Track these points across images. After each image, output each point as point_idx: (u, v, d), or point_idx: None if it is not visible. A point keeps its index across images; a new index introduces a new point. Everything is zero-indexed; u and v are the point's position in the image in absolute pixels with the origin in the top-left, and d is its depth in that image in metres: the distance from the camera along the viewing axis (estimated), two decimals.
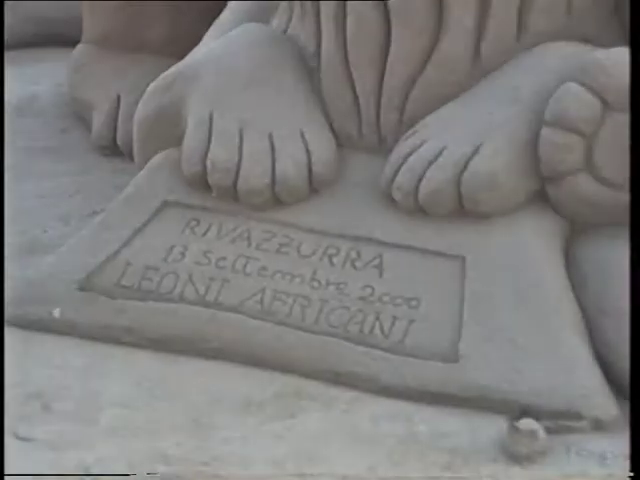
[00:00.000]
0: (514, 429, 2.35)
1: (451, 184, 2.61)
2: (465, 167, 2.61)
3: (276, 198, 2.72)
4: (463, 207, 2.63)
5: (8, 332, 2.62)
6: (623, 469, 2.35)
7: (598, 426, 2.42)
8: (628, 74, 2.59)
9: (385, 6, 2.71)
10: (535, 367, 2.47)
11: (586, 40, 2.73)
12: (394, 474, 2.31)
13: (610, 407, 2.43)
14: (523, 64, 2.71)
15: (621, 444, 2.38)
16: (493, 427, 2.39)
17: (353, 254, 2.66)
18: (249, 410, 2.44)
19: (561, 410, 2.42)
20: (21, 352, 2.58)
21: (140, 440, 2.36)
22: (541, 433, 2.35)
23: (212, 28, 3.07)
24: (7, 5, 3.76)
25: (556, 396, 2.44)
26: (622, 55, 2.61)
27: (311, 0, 2.83)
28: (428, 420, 2.43)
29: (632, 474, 2.26)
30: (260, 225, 2.73)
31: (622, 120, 2.58)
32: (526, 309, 2.55)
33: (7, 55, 3.65)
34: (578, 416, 2.42)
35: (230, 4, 3.15)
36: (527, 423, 2.37)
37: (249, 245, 2.71)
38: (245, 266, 2.68)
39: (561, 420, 2.42)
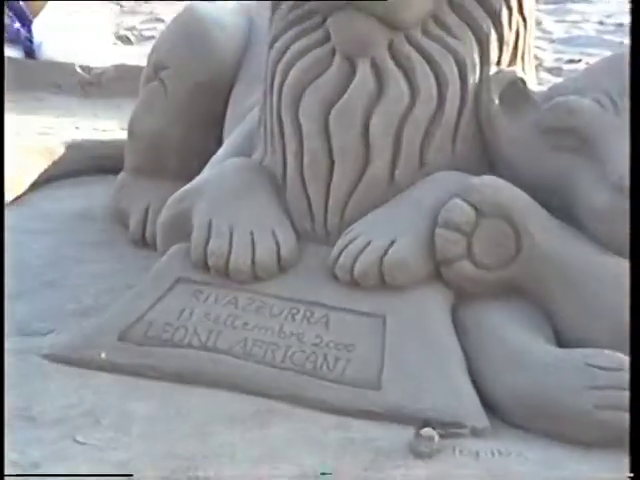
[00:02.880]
0: (419, 435, 2.38)
1: (376, 265, 2.62)
2: (385, 254, 2.61)
3: (255, 275, 2.70)
4: (384, 281, 2.63)
5: (70, 369, 2.62)
6: (491, 462, 2.35)
7: (474, 433, 2.43)
8: (496, 190, 2.62)
9: (330, 146, 2.71)
10: (433, 393, 2.49)
11: (465, 169, 2.71)
12: (339, 466, 2.30)
13: (483, 420, 2.46)
14: (424, 185, 2.70)
15: (489, 445, 2.40)
16: (405, 434, 2.40)
17: (308, 313, 2.66)
18: (235, 423, 2.45)
19: (450, 422, 2.43)
20: (78, 383, 2.57)
21: (161, 443, 2.36)
22: (437, 438, 2.38)
23: (211, 161, 3.04)
24: (71, 145, 3.75)
25: (447, 412, 2.45)
26: (490, 180, 2.65)
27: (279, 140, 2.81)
28: (361, 430, 2.44)
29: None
30: (244, 294, 2.71)
31: (492, 223, 2.60)
32: (427, 353, 2.56)
33: (72, 181, 3.62)
34: (461, 426, 2.43)
35: (224, 144, 3.13)
36: (427, 431, 2.38)
37: (236, 308, 2.69)
38: (233, 322, 2.66)
39: (450, 429, 2.43)
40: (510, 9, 2.75)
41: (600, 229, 2.62)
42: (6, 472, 2.22)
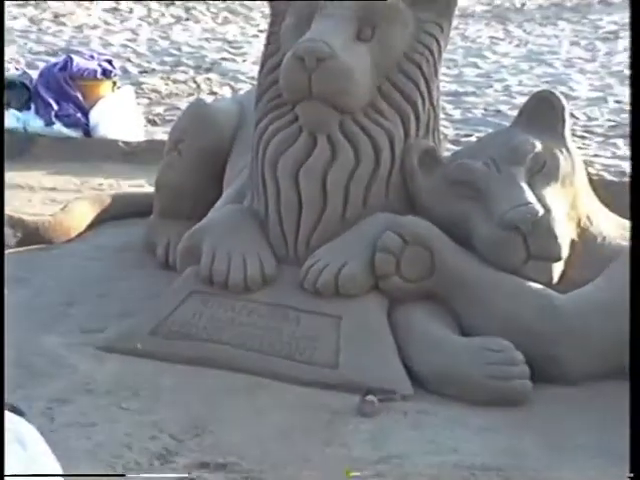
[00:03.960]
0: (364, 400, 2.38)
1: (333, 280, 2.60)
2: (339, 272, 2.60)
3: (247, 287, 2.65)
4: (339, 291, 2.60)
5: (116, 356, 2.58)
6: (415, 418, 2.34)
7: (403, 398, 2.43)
8: (417, 226, 2.59)
9: (299, 195, 2.69)
10: (374, 370, 2.48)
11: (395, 211, 2.69)
12: (306, 424, 2.30)
13: (409, 388, 2.46)
14: (366, 223, 2.67)
15: (414, 406, 2.39)
16: (354, 400, 2.39)
17: (284, 314, 2.62)
18: (233, 394, 2.42)
19: (387, 390, 2.43)
20: (122, 366, 2.55)
21: (182, 408, 2.34)
22: (377, 402, 2.37)
23: (214, 206, 3.00)
24: (115, 197, 3.68)
25: (384, 383, 2.44)
26: (412, 218, 2.63)
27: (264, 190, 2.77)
28: (322, 397, 2.43)
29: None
30: (239, 302, 2.65)
31: (414, 249, 2.58)
32: (370, 342, 2.54)
33: (116, 222, 3.56)
34: (394, 393, 2.43)
35: (223, 195, 3.08)
36: (370, 397, 2.38)
37: (233, 311, 2.64)
38: (232, 321, 2.62)
39: (386, 395, 2.41)
40: (424, 99, 2.75)
41: (489, 253, 2.62)
42: (75, 431, 2.20)
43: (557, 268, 2.61)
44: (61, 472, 1.43)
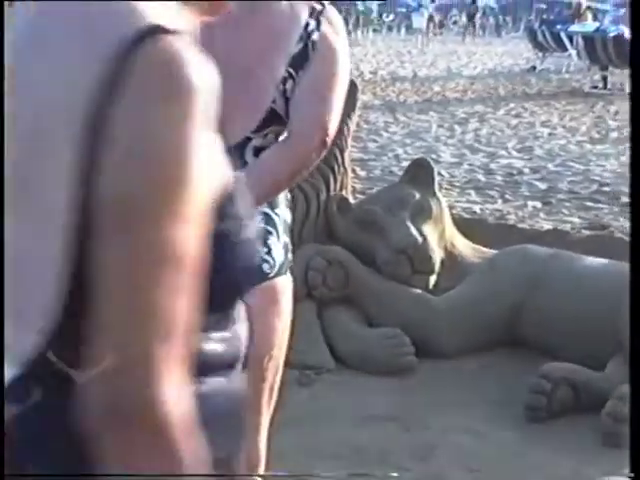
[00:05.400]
0: (302, 374, 2.32)
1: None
2: None
3: None
4: None
5: None
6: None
7: (329, 372, 2.38)
8: (336, 252, 2.52)
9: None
10: (309, 352, 2.33)
11: (321, 243, 2.62)
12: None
13: (332, 365, 2.41)
14: (302, 250, 2.46)
15: (338, 379, 2.33)
16: (295, 373, 2.27)
17: None
18: None
19: (317, 366, 2.38)
20: None
21: None
22: (312, 375, 2.33)
23: None
24: None
25: (316, 362, 2.39)
26: (333, 247, 2.56)
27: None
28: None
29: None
30: None
31: (334, 267, 2.49)
32: (304, 333, 2.28)
33: None
34: (322, 367, 2.38)
35: None
36: (307, 372, 2.33)
37: None
38: None
39: (318, 369, 2.37)
40: (339, 165, 2.71)
41: (386, 270, 2.58)
42: None
43: (432, 279, 2.62)
44: None
